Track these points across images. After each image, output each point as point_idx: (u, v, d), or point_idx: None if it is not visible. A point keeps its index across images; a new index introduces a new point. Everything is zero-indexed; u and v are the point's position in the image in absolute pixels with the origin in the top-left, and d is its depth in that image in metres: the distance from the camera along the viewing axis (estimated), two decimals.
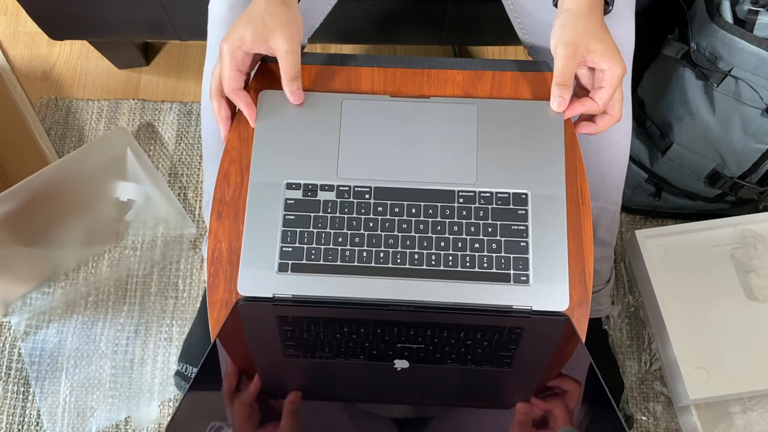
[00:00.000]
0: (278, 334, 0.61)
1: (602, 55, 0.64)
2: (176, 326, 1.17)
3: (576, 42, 0.64)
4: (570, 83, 0.65)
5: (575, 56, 0.64)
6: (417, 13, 1.10)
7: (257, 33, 0.64)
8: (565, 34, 0.65)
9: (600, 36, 0.65)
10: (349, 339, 0.61)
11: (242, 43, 0.65)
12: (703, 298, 1.07)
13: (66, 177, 1.10)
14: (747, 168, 1.00)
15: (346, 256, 0.65)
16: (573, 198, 0.68)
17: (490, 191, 0.67)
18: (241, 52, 0.65)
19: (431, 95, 0.72)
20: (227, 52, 0.65)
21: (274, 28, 0.64)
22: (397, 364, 0.56)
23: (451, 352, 0.59)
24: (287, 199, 0.67)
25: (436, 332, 0.62)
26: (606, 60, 0.64)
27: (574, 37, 0.64)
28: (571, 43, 0.64)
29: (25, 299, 1.19)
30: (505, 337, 0.62)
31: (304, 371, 0.58)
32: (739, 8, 0.86)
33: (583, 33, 0.65)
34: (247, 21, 0.65)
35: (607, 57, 0.64)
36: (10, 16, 1.44)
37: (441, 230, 0.65)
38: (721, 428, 1.04)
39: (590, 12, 0.66)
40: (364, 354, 0.58)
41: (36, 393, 1.13)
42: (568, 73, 0.65)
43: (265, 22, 0.65)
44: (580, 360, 0.56)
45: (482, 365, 0.58)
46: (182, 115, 1.33)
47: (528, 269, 0.64)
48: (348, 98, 0.70)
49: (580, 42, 0.64)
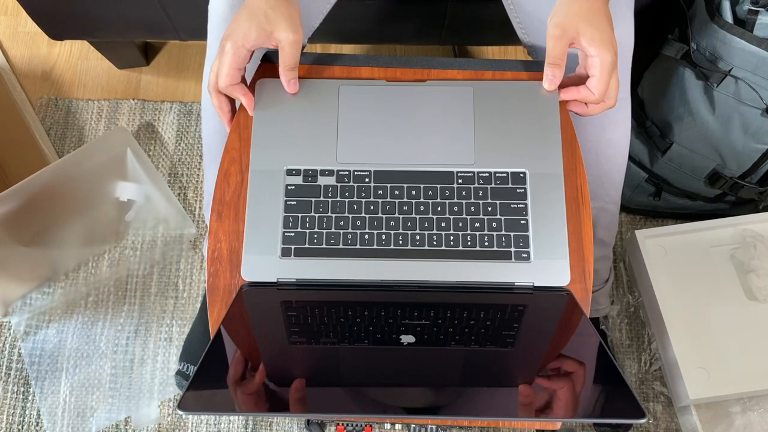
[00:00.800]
0: (283, 318, 0.61)
1: (591, 39, 0.64)
2: (176, 326, 1.17)
3: (565, 24, 0.64)
4: (560, 63, 0.66)
5: (563, 37, 0.64)
6: (417, 13, 1.10)
7: (261, 28, 0.64)
8: (556, 15, 0.65)
9: (593, 20, 0.64)
10: (354, 320, 0.61)
11: (246, 41, 0.64)
12: (703, 298, 1.07)
13: (66, 177, 1.10)
14: (747, 168, 1.00)
15: (348, 239, 0.65)
16: (573, 198, 0.68)
17: (489, 171, 0.67)
18: (244, 50, 0.65)
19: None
20: (230, 50, 0.65)
21: (277, 21, 0.64)
22: (403, 339, 0.57)
23: (455, 331, 0.60)
24: (288, 185, 0.67)
25: (440, 311, 0.63)
26: (594, 46, 0.63)
27: (563, 19, 0.65)
28: (560, 25, 0.64)
29: (25, 299, 1.19)
30: (509, 314, 0.62)
31: (309, 353, 0.58)
32: (739, 8, 0.86)
33: (576, 15, 0.64)
34: (250, 17, 0.65)
35: (596, 42, 0.63)
36: (10, 16, 1.44)
37: (441, 211, 0.66)
38: (721, 428, 1.04)
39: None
40: (369, 334, 0.59)
41: (36, 393, 1.13)
42: (558, 54, 0.65)
43: (268, 16, 0.64)
44: (586, 332, 0.57)
45: (486, 343, 0.59)
46: (182, 115, 1.33)
47: (528, 246, 0.65)
48: (345, 83, 0.71)
49: (569, 24, 0.64)
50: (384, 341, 0.58)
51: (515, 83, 0.71)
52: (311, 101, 0.70)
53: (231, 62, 0.65)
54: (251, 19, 0.64)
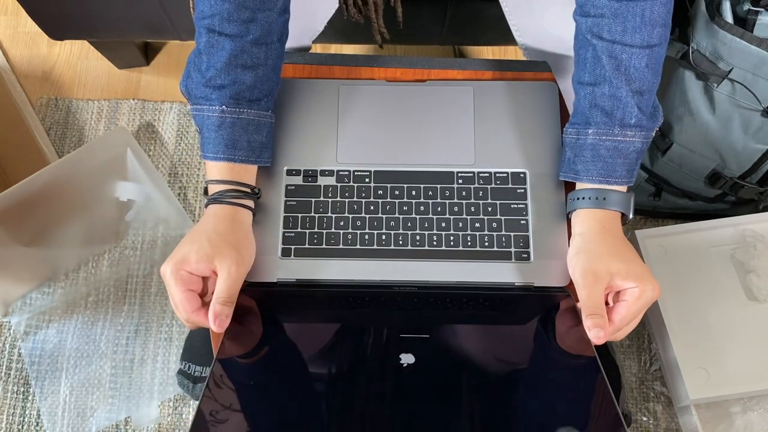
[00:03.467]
0: (284, 317, 0.61)
1: (627, 275, 0.57)
2: (176, 326, 1.17)
3: (595, 269, 0.58)
4: (600, 311, 0.57)
5: (598, 284, 0.57)
6: (417, 13, 1.10)
7: (202, 253, 0.57)
8: (580, 263, 0.59)
9: (622, 255, 0.59)
10: (353, 319, 0.61)
11: (185, 264, 0.57)
12: (703, 298, 1.07)
13: (66, 177, 1.10)
14: (747, 168, 1.00)
15: (348, 240, 0.65)
16: None
17: (489, 171, 0.67)
18: (185, 273, 0.58)
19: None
20: (170, 275, 0.57)
21: (221, 248, 0.58)
22: (404, 334, 0.56)
23: (454, 329, 0.60)
24: (288, 185, 0.67)
25: (440, 310, 0.63)
26: (632, 279, 0.57)
27: (591, 265, 0.59)
28: (590, 271, 0.58)
29: (25, 299, 1.19)
30: (508, 313, 0.62)
31: (310, 350, 0.58)
32: (740, 8, 0.86)
33: (601, 257, 0.59)
34: (192, 240, 0.59)
35: (633, 276, 0.57)
36: (10, 16, 1.44)
37: (441, 211, 0.66)
38: (721, 428, 1.04)
39: (604, 231, 0.61)
40: (368, 334, 0.59)
41: (36, 393, 1.13)
42: (595, 303, 0.57)
43: (211, 240, 0.58)
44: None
45: (483, 338, 0.59)
46: (182, 115, 1.33)
47: (528, 246, 0.65)
48: (345, 83, 0.71)
49: (599, 268, 0.58)
50: (383, 341, 0.57)
51: (515, 83, 0.71)
52: (311, 101, 0.70)
53: (178, 287, 0.57)
54: (193, 242, 0.58)
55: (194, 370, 1.05)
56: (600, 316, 0.56)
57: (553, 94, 0.70)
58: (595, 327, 0.55)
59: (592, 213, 0.62)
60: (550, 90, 0.71)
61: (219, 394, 0.52)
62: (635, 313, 0.58)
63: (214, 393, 0.52)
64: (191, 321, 0.58)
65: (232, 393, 0.53)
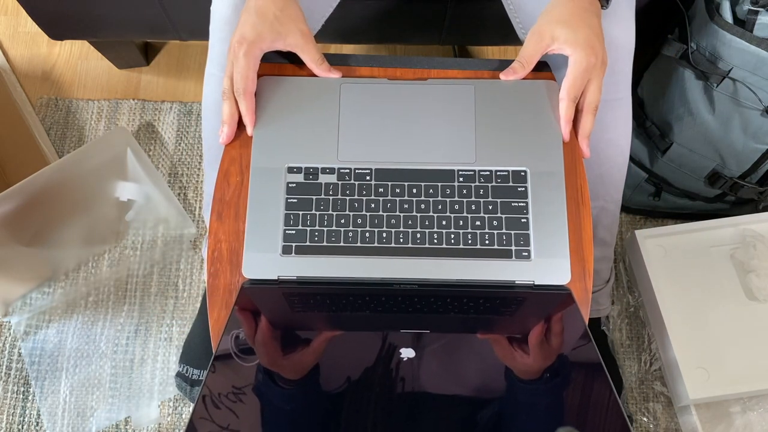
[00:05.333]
0: (284, 315, 0.62)
1: (565, 41, 0.63)
2: (176, 326, 1.17)
3: (542, 30, 0.65)
4: (527, 65, 0.67)
5: (539, 44, 0.65)
6: (417, 13, 1.10)
7: (275, 32, 0.62)
8: (536, 23, 0.66)
9: (572, 22, 0.64)
10: (354, 316, 0.62)
11: (262, 42, 0.63)
12: (703, 298, 1.07)
13: (66, 177, 1.10)
14: (747, 168, 1.00)
15: (349, 237, 0.65)
16: (573, 198, 0.68)
17: (490, 169, 0.68)
18: (259, 50, 0.63)
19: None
20: (246, 52, 0.62)
21: (288, 25, 0.63)
22: (403, 332, 0.56)
23: (454, 326, 0.61)
24: (289, 183, 0.67)
25: (440, 308, 0.63)
26: (569, 45, 0.63)
27: (540, 27, 0.65)
28: (536, 31, 0.65)
29: (25, 299, 1.19)
30: (508, 311, 0.63)
31: (311, 348, 0.58)
32: (739, 8, 0.86)
33: (551, 22, 0.64)
34: (261, 20, 0.63)
35: (570, 43, 0.63)
36: (10, 16, 1.44)
37: (442, 209, 0.66)
38: (721, 428, 1.04)
39: (573, 1, 0.65)
40: (368, 330, 0.59)
41: (36, 393, 1.13)
42: (527, 57, 0.67)
43: (279, 18, 0.63)
44: (583, 335, 0.57)
45: (484, 336, 0.59)
46: (182, 115, 1.33)
47: (529, 245, 0.65)
48: (346, 81, 0.71)
49: (546, 29, 0.65)
50: (384, 336, 0.58)
51: (516, 82, 0.71)
52: (312, 99, 0.70)
53: (248, 64, 0.63)
54: (263, 22, 0.63)
55: (192, 373, 1.05)
56: (522, 66, 0.67)
57: (553, 93, 0.70)
58: (511, 69, 0.67)
59: None
60: (550, 89, 0.71)
61: (219, 382, 0.52)
62: (575, 82, 0.63)
63: (212, 388, 0.52)
64: (242, 97, 0.63)
65: (231, 388, 0.53)
